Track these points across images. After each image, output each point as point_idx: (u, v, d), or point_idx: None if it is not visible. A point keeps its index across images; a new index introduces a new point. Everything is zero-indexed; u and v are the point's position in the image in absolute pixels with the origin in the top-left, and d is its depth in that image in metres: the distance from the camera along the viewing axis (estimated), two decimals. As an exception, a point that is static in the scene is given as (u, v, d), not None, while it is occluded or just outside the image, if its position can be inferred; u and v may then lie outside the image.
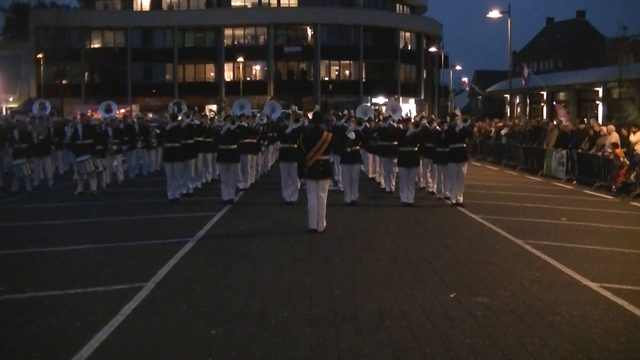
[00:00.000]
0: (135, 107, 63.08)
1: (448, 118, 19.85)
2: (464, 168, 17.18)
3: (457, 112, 20.15)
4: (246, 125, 19.48)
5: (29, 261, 10.77)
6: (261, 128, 21.92)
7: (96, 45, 72.78)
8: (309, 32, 75.40)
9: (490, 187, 21.92)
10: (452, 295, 8.63)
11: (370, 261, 10.69)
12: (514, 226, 14.05)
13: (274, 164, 26.29)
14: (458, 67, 78.79)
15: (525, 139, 29.76)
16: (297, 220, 14.33)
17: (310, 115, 22.62)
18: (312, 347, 6.78)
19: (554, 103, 47.41)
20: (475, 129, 36.56)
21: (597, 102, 46.47)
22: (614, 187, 20.15)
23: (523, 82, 46.86)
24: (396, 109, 22.15)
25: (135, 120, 26.66)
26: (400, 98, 71.36)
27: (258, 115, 24.06)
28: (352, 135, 16.02)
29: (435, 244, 12.14)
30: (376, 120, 23.67)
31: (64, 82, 63.55)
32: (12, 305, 8.27)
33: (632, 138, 21.67)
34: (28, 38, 67.72)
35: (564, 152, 24.44)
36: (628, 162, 19.86)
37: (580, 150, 23.51)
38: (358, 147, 17.21)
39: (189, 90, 71.12)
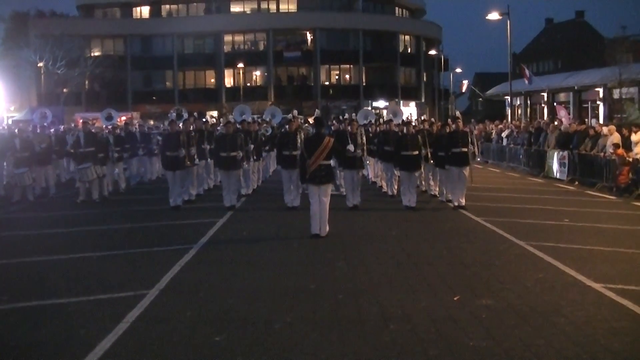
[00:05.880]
0: (136, 115, 63.10)
1: (450, 121, 19.85)
2: (466, 171, 17.18)
3: (458, 114, 20.13)
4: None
5: (33, 270, 10.76)
6: (262, 138, 21.95)
7: (96, 53, 72.79)
8: (309, 37, 75.42)
9: (492, 189, 21.91)
10: (455, 298, 8.63)
11: (373, 265, 10.70)
12: (516, 228, 14.04)
13: (275, 169, 26.32)
14: (458, 70, 78.67)
15: (527, 141, 29.75)
16: (299, 225, 14.31)
17: (311, 121, 22.63)
18: (317, 352, 6.78)
19: (555, 104, 47.31)
20: (476, 132, 36.56)
21: (598, 102, 46.40)
22: (615, 187, 20.10)
23: (526, 82, 46.74)
24: (397, 113, 22.17)
25: (136, 127, 26.68)
26: (401, 101, 71.37)
27: (264, 125, 24.07)
28: (351, 148, 16.07)
29: (438, 247, 12.14)
30: (377, 125, 23.67)
31: (64, 90, 63.60)
32: (17, 314, 8.27)
33: (634, 138, 21.65)
34: (28, 47, 67.84)
35: (566, 153, 24.43)
36: (631, 160, 19.85)
37: (583, 152, 23.46)
38: (360, 152, 17.20)
39: (190, 96, 71.18)
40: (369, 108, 47.91)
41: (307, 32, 75.29)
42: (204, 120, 26.09)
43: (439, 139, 18.27)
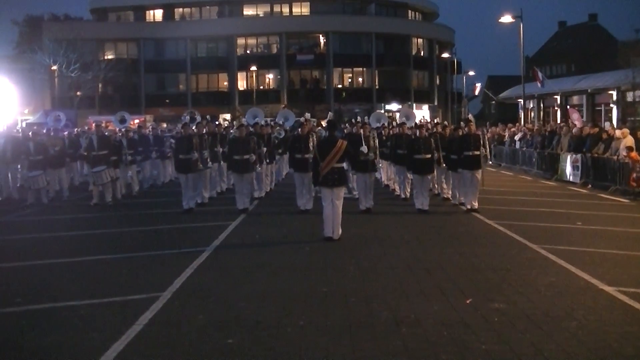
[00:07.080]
0: (149, 118, 63.31)
1: (462, 124, 19.81)
2: (478, 174, 17.15)
3: (470, 117, 20.08)
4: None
5: (46, 272, 10.82)
6: (276, 141, 22.02)
7: (109, 57, 73.14)
8: (322, 40, 75.49)
9: (505, 193, 21.87)
10: (467, 301, 8.62)
11: (384, 269, 10.69)
12: (529, 231, 14.00)
13: (287, 172, 26.33)
14: (471, 73, 78.38)
15: (540, 144, 29.69)
16: (311, 229, 14.34)
17: (324, 124, 22.62)
18: (328, 356, 6.79)
19: (568, 107, 47.15)
20: (489, 135, 36.49)
21: (612, 105, 46.25)
22: (635, 185, 19.92)
23: (539, 85, 46.63)
24: (410, 116, 22.14)
25: (149, 130, 26.76)
26: (414, 104, 71.34)
27: (277, 128, 24.10)
28: (364, 149, 16.02)
29: (450, 251, 12.13)
30: (390, 128, 23.67)
31: (78, 93, 63.90)
32: (29, 317, 8.31)
33: (647, 141, 21.56)
34: (42, 50, 68.17)
35: (579, 156, 24.34)
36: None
37: (596, 155, 23.36)
38: (372, 155, 17.19)
39: (203, 100, 71.47)
40: (382, 111, 47.93)
41: (320, 36, 75.43)
42: (216, 123, 26.13)
43: (451, 142, 18.25)
